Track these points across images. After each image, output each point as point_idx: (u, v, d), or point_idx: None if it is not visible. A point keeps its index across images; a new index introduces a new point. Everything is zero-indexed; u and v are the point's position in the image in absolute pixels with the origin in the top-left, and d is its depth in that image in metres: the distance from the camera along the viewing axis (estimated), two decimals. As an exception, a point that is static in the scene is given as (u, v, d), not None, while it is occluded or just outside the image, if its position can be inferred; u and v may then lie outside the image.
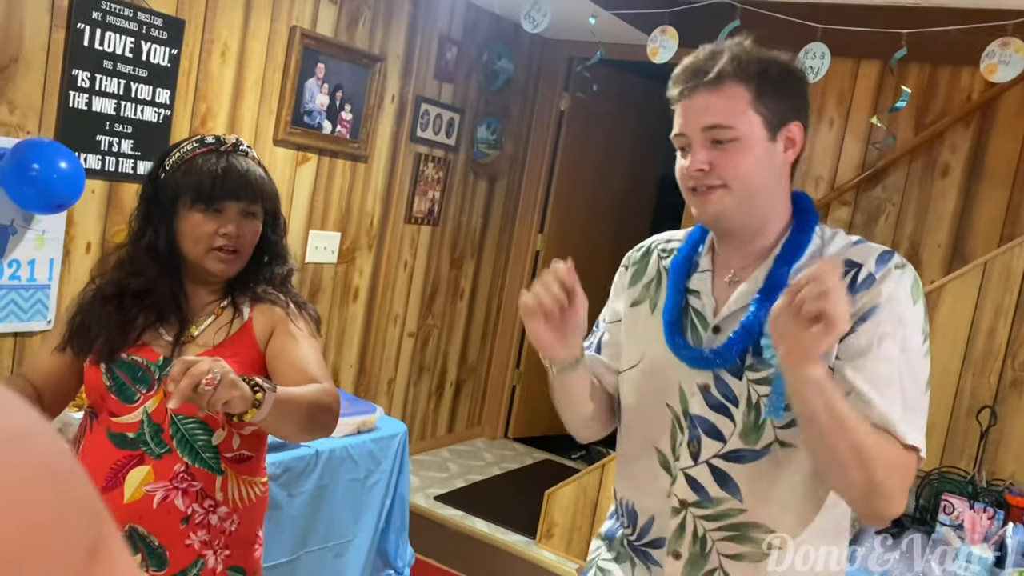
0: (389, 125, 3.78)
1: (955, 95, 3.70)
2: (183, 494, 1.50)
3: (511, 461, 4.71)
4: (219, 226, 1.50)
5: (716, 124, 1.27)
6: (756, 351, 1.28)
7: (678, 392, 1.35)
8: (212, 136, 1.56)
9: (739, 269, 1.35)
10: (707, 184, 1.28)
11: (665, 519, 1.37)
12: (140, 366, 1.50)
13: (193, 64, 2.91)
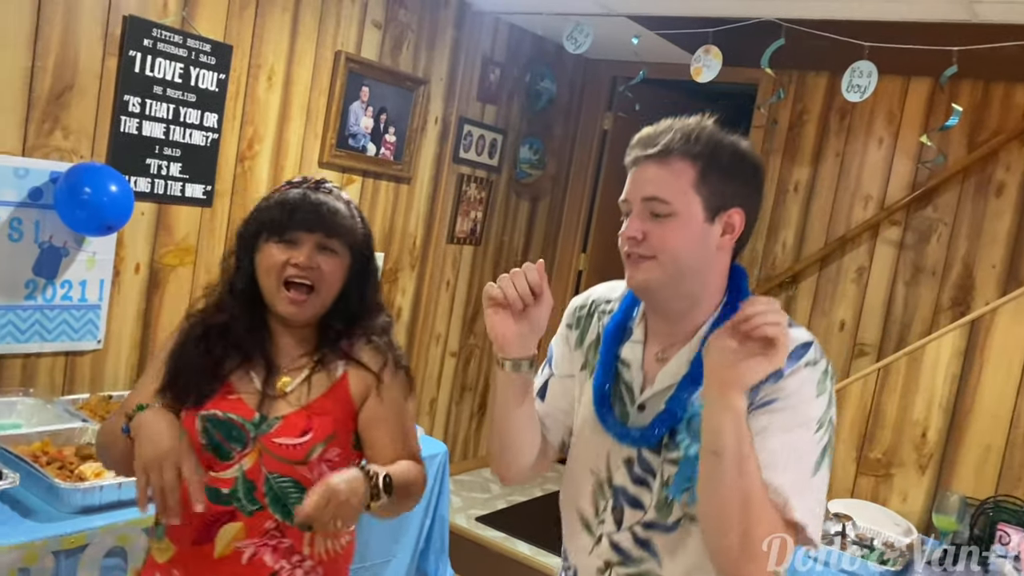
0: (432, 147, 3.80)
1: (1009, 112, 3.61)
2: (272, 551, 1.49)
3: (553, 483, 4.68)
4: (291, 256, 1.46)
5: (655, 197, 1.27)
6: (672, 433, 1.30)
7: (605, 461, 1.37)
8: (300, 176, 1.58)
9: (668, 346, 1.36)
10: (638, 253, 1.29)
11: (588, 573, 1.40)
12: (235, 424, 1.47)
13: (240, 89, 2.96)
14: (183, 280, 2.93)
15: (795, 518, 1.17)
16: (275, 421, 1.47)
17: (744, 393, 1.14)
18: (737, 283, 1.35)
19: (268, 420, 1.46)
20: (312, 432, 1.47)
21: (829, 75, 3.95)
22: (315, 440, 1.47)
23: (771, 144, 4.17)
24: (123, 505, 2.01)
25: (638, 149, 1.32)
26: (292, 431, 1.46)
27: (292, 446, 1.46)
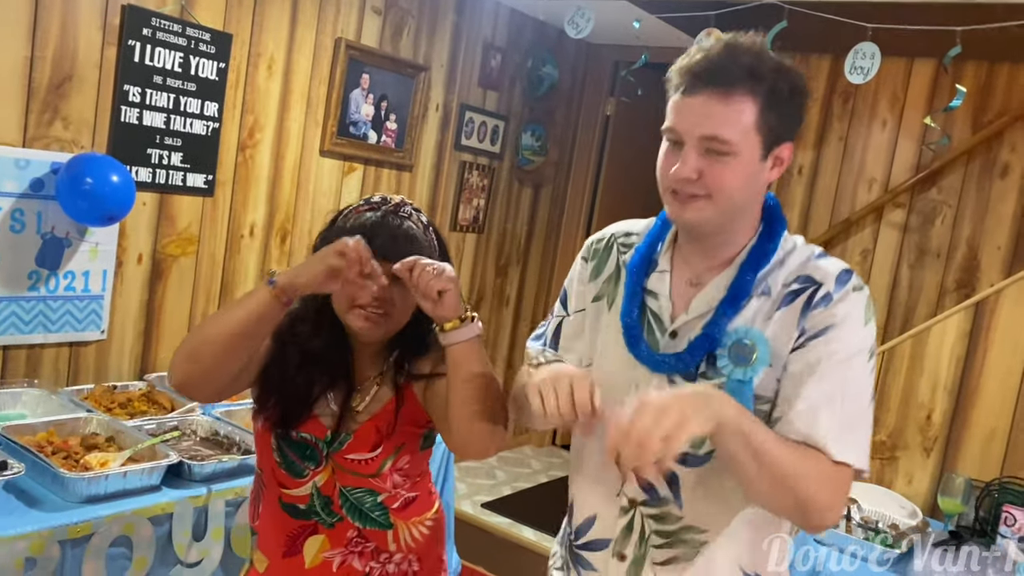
0: (434, 134, 3.79)
1: (1014, 93, 3.59)
2: (359, 556, 1.55)
3: (559, 468, 4.68)
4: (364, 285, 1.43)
5: (716, 136, 1.21)
6: (711, 359, 1.28)
7: (634, 392, 1.31)
8: (379, 196, 1.54)
9: (702, 271, 1.33)
10: (690, 192, 1.25)
11: (608, 519, 1.36)
12: (309, 444, 1.49)
13: (240, 77, 2.96)
14: (186, 270, 2.93)
15: (840, 459, 1.19)
16: (346, 438, 1.50)
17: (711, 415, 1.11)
18: (770, 209, 1.33)
19: (340, 437, 1.50)
20: (382, 446, 1.50)
21: (832, 57, 3.92)
22: (385, 454, 1.51)
23: (774, 128, 4.14)
24: (128, 494, 2.02)
25: (692, 76, 1.23)
26: (363, 446, 1.50)
27: (364, 461, 1.50)
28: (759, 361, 1.24)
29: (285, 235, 3.21)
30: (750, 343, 1.24)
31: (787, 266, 1.29)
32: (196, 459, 2.19)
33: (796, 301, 1.26)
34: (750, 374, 1.24)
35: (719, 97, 1.20)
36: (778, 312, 1.26)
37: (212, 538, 2.13)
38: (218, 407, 2.56)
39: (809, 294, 1.25)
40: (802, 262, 1.29)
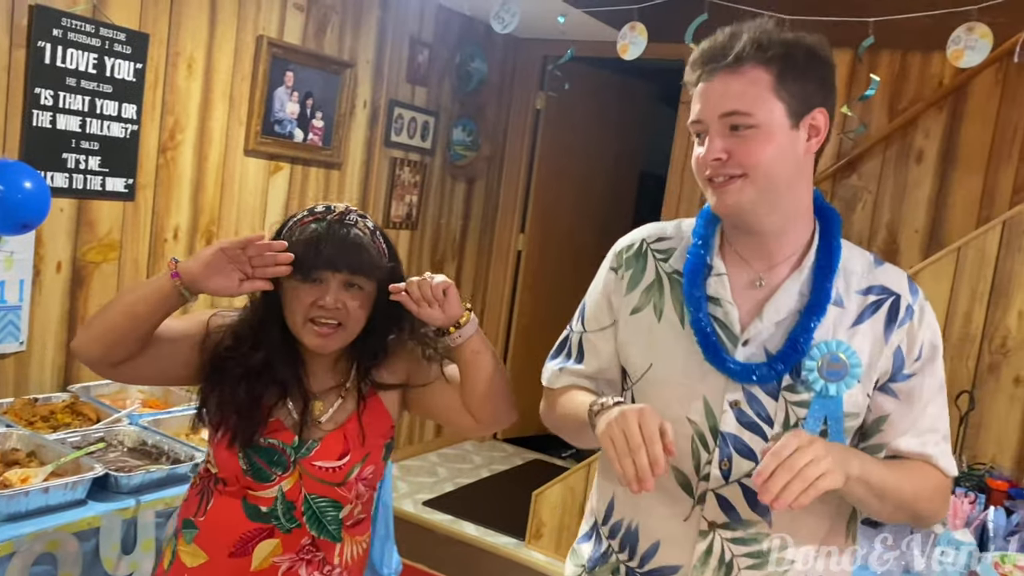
0: (362, 131, 3.76)
1: (927, 81, 3.71)
2: (307, 564, 1.54)
3: (500, 463, 4.70)
4: (317, 297, 1.44)
5: (734, 111, 1.19)
6: (796, 372, 1.23)
7: (703, 407, 1.26)
8: (322, 205, 1.53)
9: (764, 272, 1.27)
10: (725, 174, 1.21)
11: (679, 544, 1.29)
12: (276, 449, 1.49)
13: (159, 78, 2.89)
14: (108, 276, 2.85)
15: (952, 474, 1.30)
16: (314, 444, 1.50)
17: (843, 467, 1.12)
18: (821, 205, 1.30)
19: (307, 444, 1.50)
20: (350, 454, 1.52)
21: (754, 48, 4.00)
22: (353, 461, 1.52)
23: (700, 118, 4.21)
24: (52, 510, 1.96)
25: (704, 63, 1.22)
26: (330, 454, 1.51)
27: (331, 469, 1.51)
28: (852, 377, 1.21)
29: (210, 237, 3.15)
30: (844, 358, 1.20)
31: (852, 272, 1.26)
32: (123, 470, 2.14)
33: (878, 313, 1.25)
34: (843, 389, 1.21)
35: (731, 73, 1.20)
36: (861, 325, 1.25)
37: (142, 550, 2.09)
38: (146, 416, 2.51)
39: (890, 306, 1.25)
40: (866, 268, 1.28)
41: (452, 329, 1.43)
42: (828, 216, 1.29)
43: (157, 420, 2.48)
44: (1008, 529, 2.36)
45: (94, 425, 2.42)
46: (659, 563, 1.31)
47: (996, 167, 3.61)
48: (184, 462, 2.25)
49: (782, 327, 1.25)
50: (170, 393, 2.77)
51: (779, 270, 1.27)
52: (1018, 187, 3.56)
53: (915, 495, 1.24)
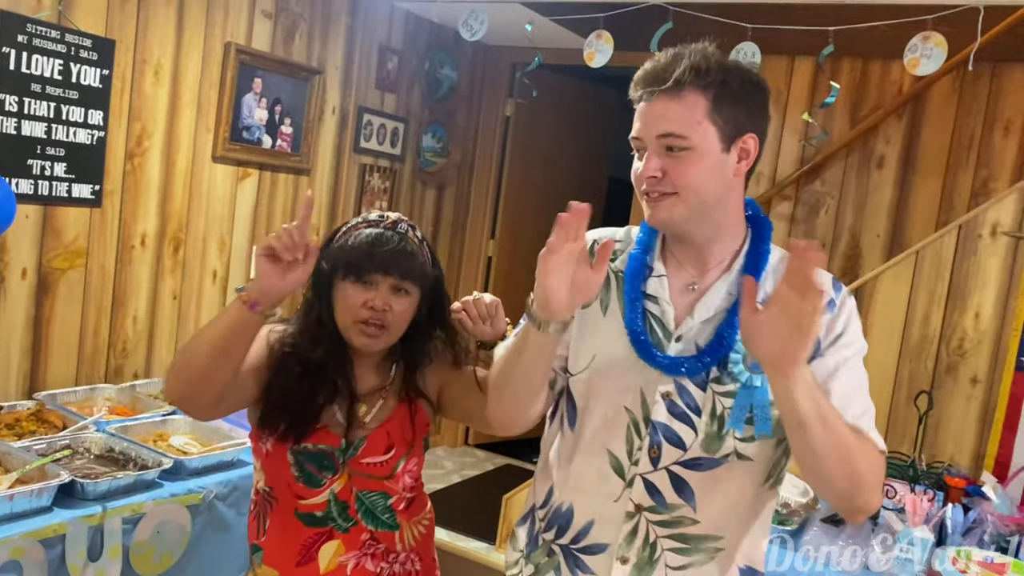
0: (331, 137, 3.77)
1: (886, 88, 3.79)
2: (372, 558, 1.62)
3: (472, 468, 4.72)
4: (367, 299, 1.52)
5: (670, 132, 1.27)
6: (723, 365, 1.31)
7: (639, 397, 1.34)
8: (376, 213, 1.62)
9: (698, 276, 1.37)
10: (659, 190, 1.29)
11: (610, 524, 1.37)
12: (325, 454, 1.56)
13: (126, 84, 2.88)
14: (75, 284, 2.83)
15: (881, 447, 1.27)
16: (360, 443, 1.57)
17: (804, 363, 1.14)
18: (754, 214, 1.38)
19: (354, 444, 1.57)
20: (395, 448, 1.59)
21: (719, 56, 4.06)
22: (399, 455, 1.60)
23: (667, 125, 4.26)
24: (17, 517, 1.95)
25: (646, 84, 1.30)
26: (377, 450, 1.58)
27: (379, 464, 1.58)
28: None
29: (178, 244, 3.14)
30: None
31: (779, 273, 1.33)
32: (89, 477, 2.13)
33: None
34: (767, 380, 1.26)
35: (670, 96, 1.27)
36: None
37: (109, 557, 2.08)
38: (113, 423, 2.50)
39: None
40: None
41: (507, 331, 1.56)
42: (760, 225, 1.39)
43: (124, 427, 2.47)
44: (965, 526, 2.42)
45: (60, 432, 2.40)
46: (589, 541, 1.40)
47: (954, 172, 3.70)
48: (151, 468, 2.24)
49: (711, 324, 1.34)
50: (138, 400, 2.76)
51: (711, 274, 1.36)
52: (975, 191, 3.65)
53: (854, 447, 1.21)
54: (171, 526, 2.22)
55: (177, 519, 2.24)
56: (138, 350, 3.06)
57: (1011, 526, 2.40)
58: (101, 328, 2.93)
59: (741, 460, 1.32)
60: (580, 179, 5.37)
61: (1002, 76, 3.59)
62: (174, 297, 3.16)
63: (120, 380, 2.97)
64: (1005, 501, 2.49)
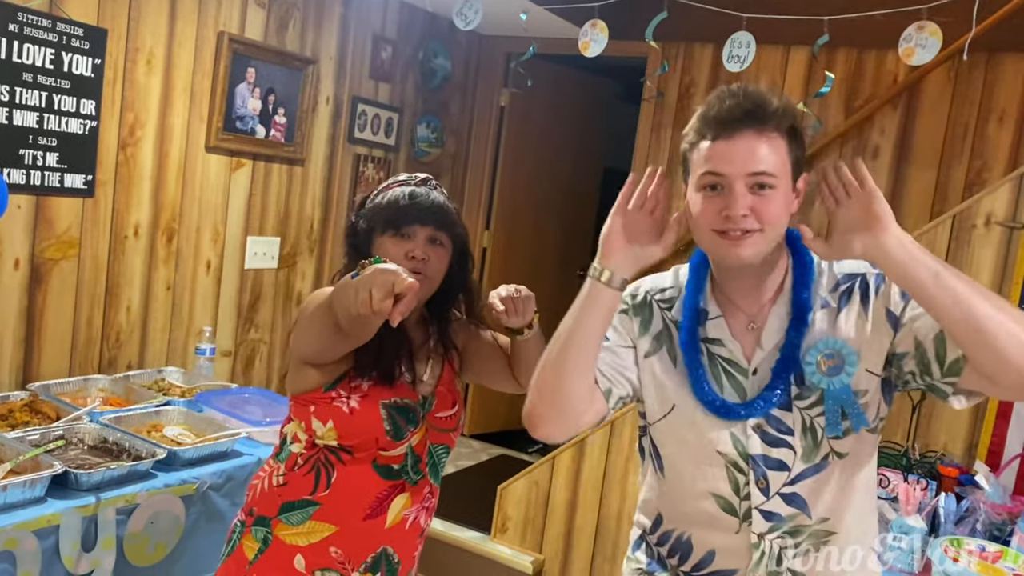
0: (325, 127, 3.75)
1: (882, 78, 3.79)
2: (427, 512, 1.72)
3: (467, 458, 4.72)
4: (408, 249, 1.59)
5: (763, 171, 1.29)
6: (799, 380, 1.36)
7: (730, 438, 1.39)
8: (404, 174, 1.71)
9: (755, 312, 1.41)
10: (743, 228, 1.31)
11: (735, 553, 1.43)
12: (410, 408, 1.64)
13: (118, 74, 2.86)
14: (67, 274, 2.83)
15: None
16: (432, 399, 1.68)
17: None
18: (794, 240, 1.41)
19: (429, 399, 1.67)
20: (457, 403, 1.72)
21: (714, 46, 4.05)
22: (461, 409, 1.73)
23: (661, 117, 4.26)
24: (10, 508, 1.95)
25: (727, 118, 1.31)
26: (446, 405, 1.70)
27: (448, 417, 1.70)
28: (850, 365, 1.34)
29: (172, 234, 3.13)
30: (835, 352, 1.35)
31: (822, 273, 1.41)
32: (83, 468, 2.13)
33: (853, 297, 1.39)
34: (846, 379, 1.34)
35: (757, 135, 1.31)
36: (841, 315, 1.38)
37: (103, 548, 2.08)
38: (107, 413, 2.49)
39: (860, 287, 1.38)
40: (828, 269, 1.41)
41: (526, 330, 1.64)
42: (794, 238, 1.41)
43: (118, 417, 2.47)
44: (958, 515, 2.43)
45: (54, 423, 2.40)
46: (716, 567, 1.46)
47: (949, 163, 3.70)
48: (145, 459, 2.24)
49: (779, 347, 1.39)
50: (131, 390, 2.75)
51: (766, 304, 1.41)
52: (970, 182, 3.66)
53: (1003, 303, 1.20)
54: (165, 516, 2.22)
55: (171, 509, 2.23)
56: (132, 341, 3.06)
57: (1003, 515, 2.40)
58: (94, 319, 2.92)
59: (840, 457, 1.38)
60: (576, 169, 5.36)
61: (997, 66, 3.59)
62: (168, 287, 3.15)
63: (114, 371, 2.97)
64: (998, 490, 2.50)
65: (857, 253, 1.24)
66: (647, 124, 4.31)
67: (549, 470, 3.45)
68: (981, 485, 2.50)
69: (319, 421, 1.62)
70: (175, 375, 2.98)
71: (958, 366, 1.29)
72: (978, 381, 1.27)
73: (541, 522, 3.49)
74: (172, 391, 2.83)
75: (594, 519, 3.36)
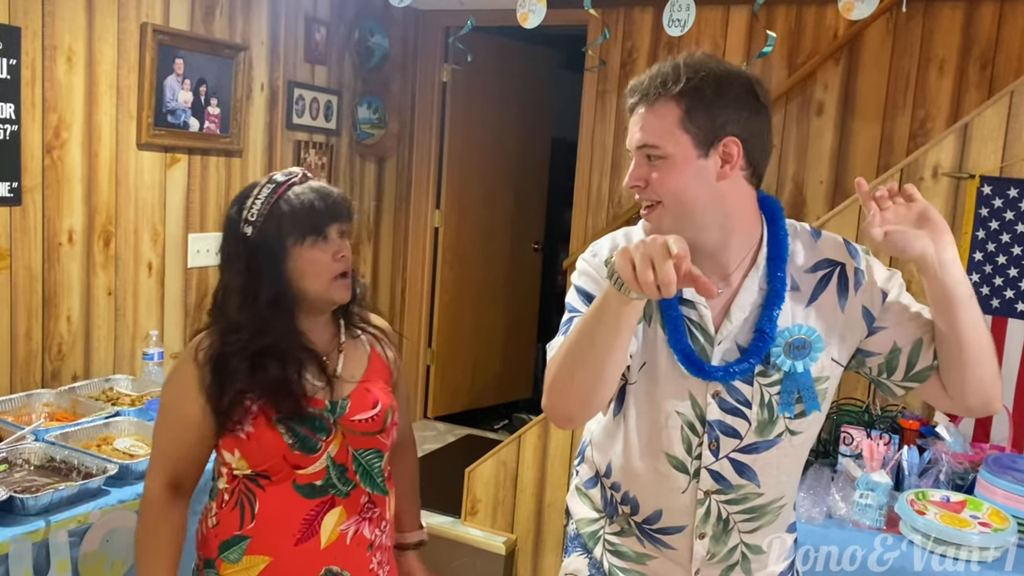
0: (262, 115, 3.64)
1: (822, 34, 3.77)
2: (369, 523, 1.62)
3: (433, 441, 4.68)
4: (334, 251, 1.53)
5: (645, 143, 1.32)
6: (765, 359, 1.38)
7: (689, 400, 1.41)
8: (281, 174, 1.57)
9: (720, 281, 1.39)
10: (647, 200, 1.35)
11: (682, 510, 1.47)
12: (316, 416, 1.54)
13: (36, 73, 2.72)
14: (0, 287, 2.70)
15: None
16: (345, 402, 1.57)
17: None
18: (765, 202, 1.40)
19: (339, 403, 1.56)
20: (380, 402, 1.61)
21: (654, 10, 4.00)
22: (385, 407, 1.61)
23: (606, 84, 4.21)
24: (-47, 540, 1.86)
25: (629, 97, 1.37)
26: (363, 406, 1.58)
27: (369, 420, 1.59)
28: (815, 351, 1.37)
29: (109, 238, 3.01)
30: (805, 338, 1.36)
31: (797, 253, 1.39)
32: (30, 491, 2.04)
33: (829, 286, 1.39)
34: (809, 364, 1.38)
35: (647, 108, 1.33)
36: (816, 302, 1.39)
37: (57, 572, 2.00)
38: (53, 430, 2.39)
39: (839, 276, 1.39)
40: (807, 245, 1.40)
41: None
42: (771, 209, 1.41)
43: (65, 434, 2.37)
44: (921, 467, 2.45)
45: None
46: (665, 524, 1.49)
47: (893, 115, 3.71)
48: (96, 475, 2.16)
49: (748, 322, 1.38)
50: (78, 403, 2.65)
51: (735, 276, 1.39)
52: (914, 132, 3.67)
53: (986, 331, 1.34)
54: (120, 533, 2.14)
55: (126, 525, 2.15)
56: (75, 351, 2.95)
57: (965, 464, 2.43)
58: (33, 331, 2.80)
59: (793, 436, 1.42)
60: (523, 141, 5.29)
61: (934, 15, 3.59)
62: (109, 293, 3.04)
63: (58, 384, 2.86)
64: (958, 439, 2.53)
65: (915, 252, 1.26)
66: (592, 92, 4.26)
67: (516, 449, 3.43)
68: (942, 436, 2.53)
69: (228, 452, 1.57)
70: (123, 383, 2.88)
71: (925, 375, 1.38)
72: (934, 392, 1.39)
73: (511, 502, 3.47)
74: (121, 400, 2.74)
75: (563, 495, 3.34)
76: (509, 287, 5.29)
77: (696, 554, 1.50)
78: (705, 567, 1.51)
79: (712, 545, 1.49)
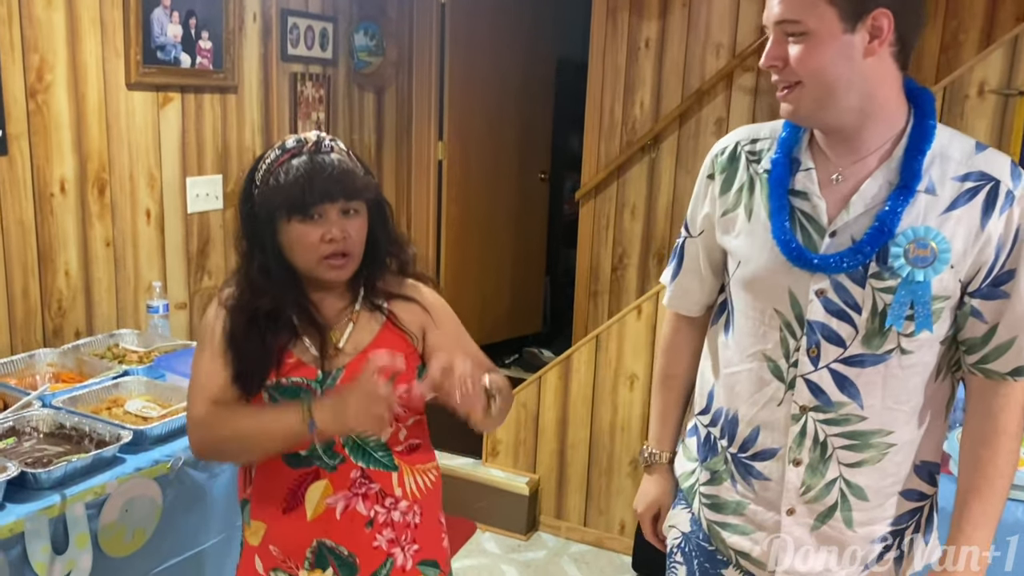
0: (255, 47, 3.42)
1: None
2: (363, 499, 1.54)
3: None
4: (323, 232, 1.45)
5: (785, 18, 1.22)
6: (883, 259, 1.25)
7: (788, 298, 1.32)
8: (292, 139, 1.50)
9: (846, 168, 1.29)
10: (784, 81, 1.25)
11: (777, 428, 1.36)
12: (301, 387, 1.49)
13: (12, 12, 2.51)
14: (-9, 243, 2.55)
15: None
16: (338, 373, 1.50)
17: None
18: (913, 91, 1.29)
19: (332, 374, 1.50)
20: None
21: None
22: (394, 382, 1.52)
23: (617, 1, 3.98)
24: (-34, 521, 1.76)
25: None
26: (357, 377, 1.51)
27: None
28: (940, 263, 1.23)
29: (103, 186, 2.85)
30: (933, 245, 1.23)
31: (950, 158, 1.25)
32: (42, 463, 1.94)
33: (975, 199, 1.24)
34: (931, 276, 1.24)
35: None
36: (954, 211, 1.24)
37: (77, 547, 1.91)
38: (60, 394, 2.28)
39: (988, 192, 1.23)
40: (966, 154, 1.26)
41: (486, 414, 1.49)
42: (921, 100, 1.28)
43: (73, 398, 2.25)
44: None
45: (1, 414, 2.18)
46: (759, 447, 1.39)
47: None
48: (110, 443, 2.05)
49: (869, 215, 1.26)
50: (84, 362, 2.53)
51: (867, 162, 1.27)
52: (945, 45, 3.50)
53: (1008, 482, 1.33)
54: (140, 502, 2.04)
55: (146, 493, 2.06)
56: (76, 306, 2.81)
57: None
58: (30, 288, 2.66)
59: (905, 355, 1.29)
60: (527, 65, 5.07)
61: (969, -83, 3.36)
62: (107, 243, 2.89)
63: (60, 342, 2.73)
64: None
65: None
66: (602, 9, 4.04)
67: (536, 391, 3.34)
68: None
69: None
70: (129, 338, 2.76)
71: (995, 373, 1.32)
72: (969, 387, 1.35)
73: (533, 443, 3.40)
74: (128, 357, 2.62)
75: (587, 435, 3.27)
76: (516, 219, 5.13)
77: (789, 484, 1.37)
78: (800, 505, 1.38)
79: (808, 476, 1.36)
